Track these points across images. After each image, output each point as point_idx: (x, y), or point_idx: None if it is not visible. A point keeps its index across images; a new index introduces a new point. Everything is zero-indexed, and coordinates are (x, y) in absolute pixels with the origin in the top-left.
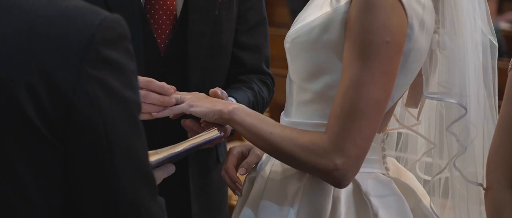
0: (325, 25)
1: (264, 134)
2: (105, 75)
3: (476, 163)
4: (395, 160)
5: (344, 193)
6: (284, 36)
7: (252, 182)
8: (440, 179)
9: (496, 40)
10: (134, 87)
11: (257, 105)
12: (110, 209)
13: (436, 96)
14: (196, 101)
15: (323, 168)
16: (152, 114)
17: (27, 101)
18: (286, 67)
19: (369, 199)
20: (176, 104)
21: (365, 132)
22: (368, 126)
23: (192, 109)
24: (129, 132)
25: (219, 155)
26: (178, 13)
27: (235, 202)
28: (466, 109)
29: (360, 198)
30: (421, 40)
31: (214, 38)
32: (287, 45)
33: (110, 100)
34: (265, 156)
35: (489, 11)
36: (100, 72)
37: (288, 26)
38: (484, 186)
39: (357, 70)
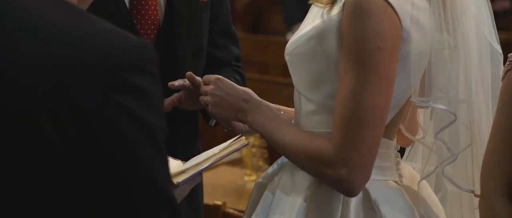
0: (321, 35)
1: (278, 145)
2: (130, 102)
3: (473, 170)
4: (411, 167)
5: (354, 201)
6: (279, 43)
7: (260, 187)
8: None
9: (500, 48)
10: (160, 112)
11: None
12: None
13: (424, 102)
14: (216, 108)
15: (330, 178)
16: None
17: (49, 127)
18: (281, 74)
19: (378, 208)
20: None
21: (367, 140)
22: (370, 133)
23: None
24: (152, 158)
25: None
26: (162, 18)
27: (230, 210)
28: (455, 116)
29: (369, 207)
30: (419, 41)
31: (196, 41)
32: (287, 57)
33: (135, 127)
34: (276, 164)
35: (493, 18)
36: (125, 98)
37: (282, 33)
38: (475, 192)
39: (353, 79)
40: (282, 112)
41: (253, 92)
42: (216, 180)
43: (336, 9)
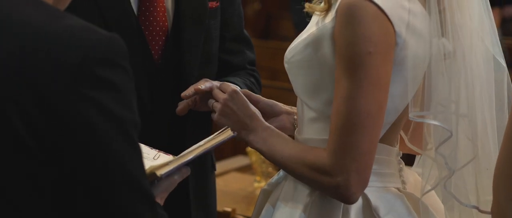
0: (316, 42)
1: (277, 160)
2: (99, 95)
3: (477, 185)
4: (417, 174)
5: (354, 208)
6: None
7: (265, 194)
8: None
9: (504, 60)
10: (130, 105)
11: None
12: None
13: (419, 118)
14: (223, 118)
15: (327, 186)
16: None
17: (18, 120)
18: (289, 80)
19: (378, 215)
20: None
21: (361, 146)
22: (364, 139)
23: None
24: (124, 151)
25: (214, 162)
26: (170, 24)
27: (240, 217)
28: (451, 132)
29: (370, 214)
30: (415, 47)
31: (205, 46)
32: (286, 65)
33: (104, 120)
34: (282, 172)
35: (495, 28)
36: (94, 91)
37: (292, 39)
38: (480, 208)
39: (345, 84)
40: (295, 117)
41: (260, 113)
42: (226, 186)
43: (329, 16)
